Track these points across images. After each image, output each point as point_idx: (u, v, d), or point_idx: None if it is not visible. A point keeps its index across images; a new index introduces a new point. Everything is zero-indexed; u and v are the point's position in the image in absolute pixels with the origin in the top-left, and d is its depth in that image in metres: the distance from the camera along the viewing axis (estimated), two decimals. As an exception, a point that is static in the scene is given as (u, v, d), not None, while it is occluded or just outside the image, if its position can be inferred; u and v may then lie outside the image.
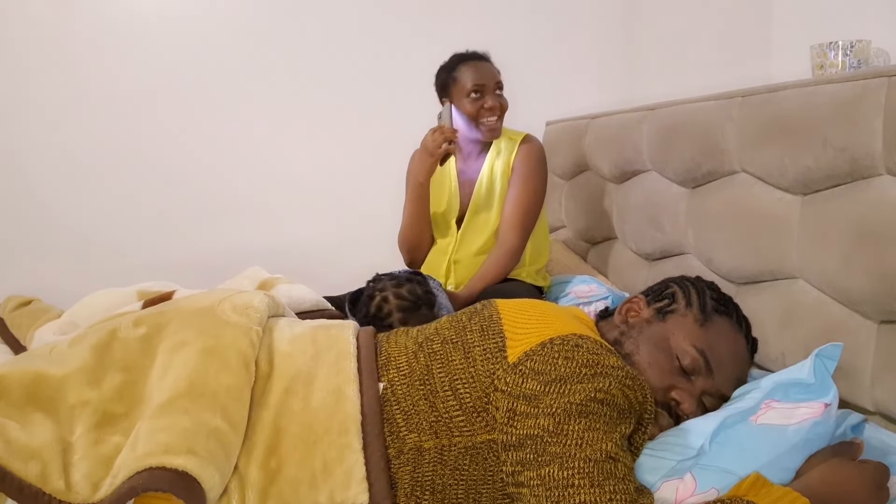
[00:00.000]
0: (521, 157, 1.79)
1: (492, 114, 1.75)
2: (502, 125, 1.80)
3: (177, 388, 0.85)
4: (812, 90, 1.22)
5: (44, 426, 0.84)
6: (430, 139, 1.75)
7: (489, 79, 1.75)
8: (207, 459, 0.78)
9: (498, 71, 1.80)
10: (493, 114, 1.76)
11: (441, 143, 1.73)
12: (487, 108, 1.75)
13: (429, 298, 1.36)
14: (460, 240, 1.86)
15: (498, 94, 1.77)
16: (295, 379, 0.92)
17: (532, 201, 1.78)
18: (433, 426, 0.89)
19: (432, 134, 1.75)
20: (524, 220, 1.75)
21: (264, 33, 2.46)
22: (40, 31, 2.30)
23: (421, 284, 1.38)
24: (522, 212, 1.75)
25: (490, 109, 1.75)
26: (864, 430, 0.99)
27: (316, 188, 2.56)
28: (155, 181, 2.46)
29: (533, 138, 1.85)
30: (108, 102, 2.38)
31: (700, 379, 0.99)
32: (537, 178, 1.80)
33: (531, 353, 0.89)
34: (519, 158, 1.80)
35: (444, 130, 1.74)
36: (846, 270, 1.13)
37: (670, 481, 0.87)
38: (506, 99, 1.78)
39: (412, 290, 1.34)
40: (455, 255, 1.85)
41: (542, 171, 1.82)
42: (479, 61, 1.79)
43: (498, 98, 1.77)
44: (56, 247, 2.41)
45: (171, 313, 1.00)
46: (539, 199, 1.80)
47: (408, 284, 1.36)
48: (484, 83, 1.74)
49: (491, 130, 1.78)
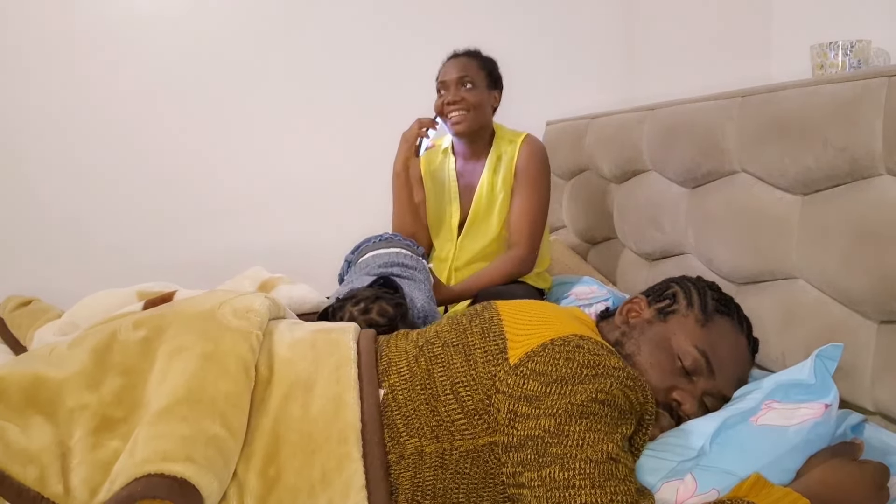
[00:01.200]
0: (524, 160, 1.78)
1: (452, 108, 1.75)
2: (472, 120, 1.77)
3: (175, 394, 0.84)
4: (812, 90, 1.22)
5: (43, 429, 0.83)
6: (408, 130, 1.81)
7: (451, 74, 1.76)
8: (206, 467, 0.78)
9: (481, 65, 1.78)
10: (454, 108, 1.75)
11: (416, 131, 1.79)
12: (448, 104, 1.75)
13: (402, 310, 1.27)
14: (460, 247, 1.85)
15: (465, 89, 1.75)
16: (294, 385, 0.92)
17: (540, 208, 1.77)
18: (434, 430, 0.89)
19: (412, 125, 1.81)
20: (533, 227, 1.74)
21: (265, 33, 2.46)
22: (41, 31, 2.30)
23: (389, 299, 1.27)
24: (531, 219, 1.75)
25: (450, 104, 1.75)
26: (864, 430, 0.99)
27: (316, 188, 2.56)
28: (155, 181, 2.46)
29: (533, 139, 1.84)
30: (109, 102, 2.38)
31: (701, 379, 0.99)
32: (542, 182, 1.79)
33: (532, 355, 0.89)
34: (521, 161, 1.78)
35: (421, 121, 1.80)
36: (846, 270, 1.13)
37: (671, 482, 0.87)
38: (475, 93, 1.76)
39: (383, 311, 1.24)
40: (455, 263, 1.84)
41: (547, 174, 1.81)
42: (454, 58, 1.81)
43: (461, 92, 1.75)
44: (56, 247, 2.41)
45: (171, 316, 0.99)
46: (546, 203, 1.79)
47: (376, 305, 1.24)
48: (445, 79, 1.77)
49: (454, 124, 1.77)
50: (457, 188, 1.87)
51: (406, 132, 1.82)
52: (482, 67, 1.79)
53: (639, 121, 1.87)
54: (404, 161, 1.82)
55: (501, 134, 1.86)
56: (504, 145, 1.82)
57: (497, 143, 1.83)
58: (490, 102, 1.82)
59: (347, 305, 1.26)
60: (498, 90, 1.85)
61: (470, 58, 1.79)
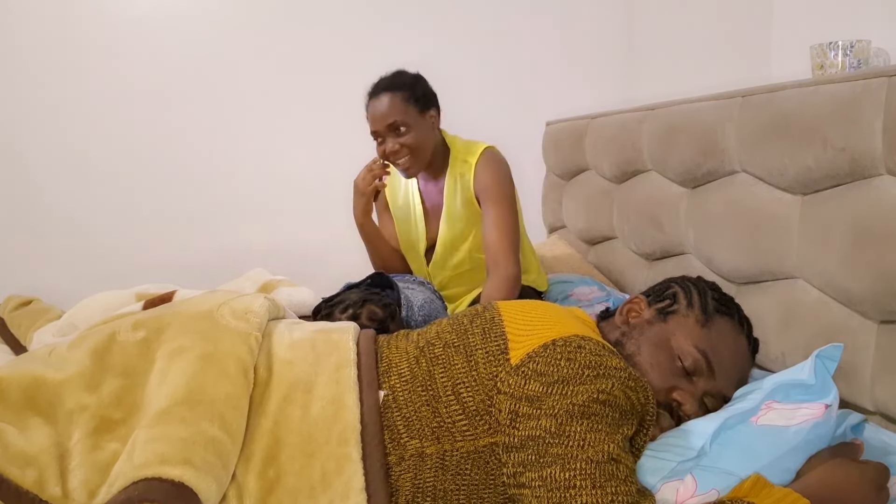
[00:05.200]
0: (482, 180, 1.66)
1: (396, 157, 1.65)
2: (419, 161, 1.67)
3: (175, 396, 0.84)
4: (812, 90, 1.22)
5: (42, 431, 0.83)
6: (360, 179, 1.72)
7: (380, 123, 1.64)
8: (204, 470, 0.78)
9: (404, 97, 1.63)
10: (395, 158, 1.66)
11: (371, 181, 1.70)
12: (390, 153, 1.65)
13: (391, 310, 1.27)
14: (432, 274, 1.82)
15: (399, 133, 1.63)
16: (294, 386, 0.91)
17: (511, 220, 1.65)
18: (435, 431, 0.89)
19: (363, 173, 1.71)
20: (510, 242, 1.61)
21: (266, 33, 2.46)
22: (41, 31, 2.30)
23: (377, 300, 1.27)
24: (505, 234, 1.61)
25: (393, 154, 1.65)
26: (863, 430, 0.99)
27: (317, 189, 2.55)
28: (156, 181, 2.46)
29: (489, 153, 1.70)
30: (109, 103, 2.38)
31: (702, 380, 0.99)
32: (506, 195, 1.66)
33: (533, 355, 0.88)
34: (479, 181, 1.66)
35: (372, 169, 1.71)
36: (846, 270, 1.12)
37: (671, 482, 0.87)
38: (411, 135, 1.63)
39: (372, 315, 1.25)
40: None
41: (509, 185, 1.69)
42: (375, 98, 1.66)
43: (398, 140, 1.63)
44: (56, 247, 2.41)
45: (171, 317, 0.99)
46: (514, 214, 1.67)
47: (364, 309, 1.25)
48: (376, 129, 1.66)
49: (405, 171, 1.68)
50: (422, 211, 1.79)
51: (358, 181, 1.72)
52: (407, 99, 1.64)
53: (639, 121, 1.87)
54: (363, 212, 1.74)
55: (456, 153, 1.73)
56: (459, 165, 1.71)
57: (453, 162, 1.72)
58: (429, 126, 1.68)
59: (336, 311, 1.26)
60: (432, 108, 1.70)
61: (392, 92, 1.64)
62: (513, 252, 1.61)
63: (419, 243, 1.81)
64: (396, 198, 1.86)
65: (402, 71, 1.72)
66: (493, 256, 1.61)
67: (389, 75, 1.71)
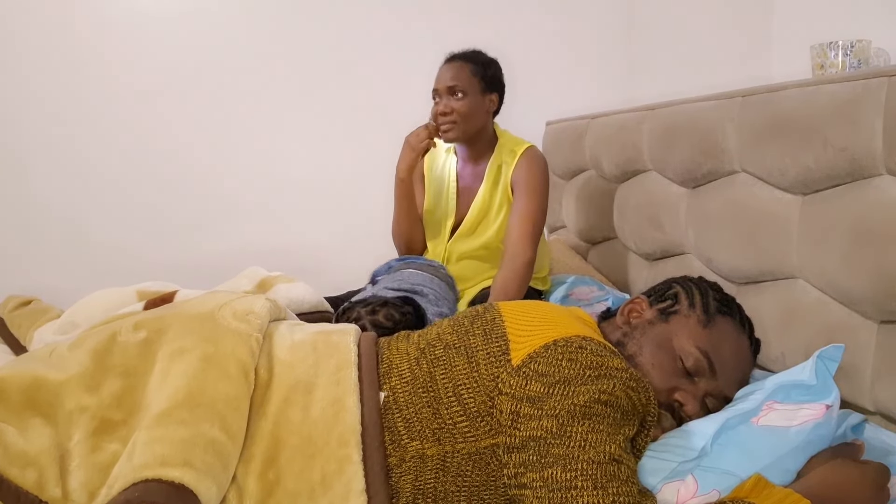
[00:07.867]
0: (523, 170, 1.75)
1: (442, 119, 1.74)
2: (460, 130, 1.75)
3: (175, 398, 0.84)
4: (812, 90, 1.22)
5: (42, 432, 0.83)
6: (413, 135, 1.78)
7: (441, 83, 1.74)
8: (204, 472, 0.77)
9: (474, 70, 1.74)
10: (444, 119, 1.73)
11: (424, 138, 1.76)
12: (438, 114, 1.74)
13: (406, 319, 1.31)
14: (450, 249, 1.85)
15: (456, 98, 1.72)
16: (294, 388, 0.91)
17: (539, 213, 1.74)
18: (436, 433, 0.88)
19: (419, 129, 1.77)
20: (533, 231, 1.71)
21: (266, 33, 2.46)
22: (41, 31, 2.30)
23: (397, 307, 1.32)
24: (531, 223, 1.71)
25: (441, 115, 1.73)
26: (864, 430, 0.99)
27: (317, 189, 2.56)
28: (155, 181, 2.46)
29: (534, 150, 1.80)
30: (109, 103, 2.38)
31: (703, 380, 0.99)
32: (541, 190, 1.76)
33: (535, 356, 0.88)
34: (519, 172, 1.75)
35: (428, 127, 1.77)
36: (846, 270, 1.12)
37: (672, 483, 0.87)
38: (465, 102, 1.72)
39: (389, 315, 1.29)
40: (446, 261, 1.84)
41: (546, 183, 1.78)
42: (447, 62, 1.77)
43: (451, 102, 1.72)
44: (56, 247, 2.41)
45: (171, 318, 0.98)
46: (545, 210, 1.77)
47: (383, 309, 1.30)
48: (437, 87, 1.76)
49: (443, 133, 1.75)
50: (455, 189, 1.86)
51: (411, 137, 1.78)
52: (475, 73, 1.74)
53: (639, 121, 1.87)
54: (409, 167, 1.78)
55: (504, 142, 1.82)
56: (505, 154, 1.79)
57: (499, 150, 1.81)
58: (485, 107, 1.77)
59: (358, 306, 1.31)
60: (496, 93, 1.80)
61: (464, 62, 1.75)
62: (532, 240, 1.70)
63: (447, 219, 1.86)
64: (434, 168, 1.92)
65: (482, 51, 1.82)
66: (512, 240, 1.70)
67: (470, 49, 1.80)
